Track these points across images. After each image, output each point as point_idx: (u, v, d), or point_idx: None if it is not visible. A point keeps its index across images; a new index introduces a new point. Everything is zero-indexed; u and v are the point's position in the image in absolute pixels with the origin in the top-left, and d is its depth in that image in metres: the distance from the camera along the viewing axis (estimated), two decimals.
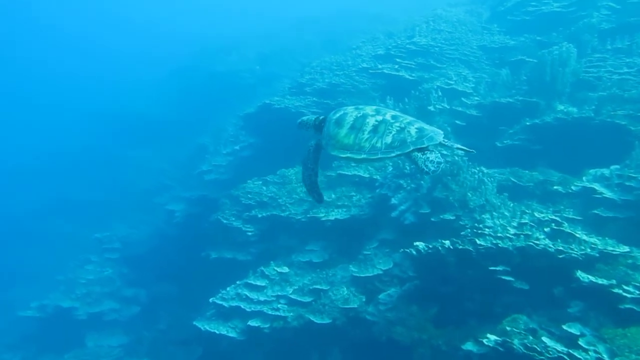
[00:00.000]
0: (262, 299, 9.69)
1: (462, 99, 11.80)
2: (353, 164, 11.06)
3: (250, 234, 11.58)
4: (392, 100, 11.73)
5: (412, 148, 4.43)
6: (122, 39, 58.91)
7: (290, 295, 9.65)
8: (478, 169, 9.12)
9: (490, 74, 12.52)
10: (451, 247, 7.49)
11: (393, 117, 4.71)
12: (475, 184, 8.89)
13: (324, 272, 9.96)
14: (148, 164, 24.46)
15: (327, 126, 4.97)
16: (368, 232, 10.29)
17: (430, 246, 7.75)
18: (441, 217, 8.80)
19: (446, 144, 4.78)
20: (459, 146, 5.11)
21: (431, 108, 11.60)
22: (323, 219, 10.57)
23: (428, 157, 4.40)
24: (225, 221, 11.80)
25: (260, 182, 12.29)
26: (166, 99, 28.70)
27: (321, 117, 5.33)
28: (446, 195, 8.87)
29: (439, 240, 7.74)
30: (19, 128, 37.36)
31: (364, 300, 9.08)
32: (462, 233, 7.92)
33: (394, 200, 9.47)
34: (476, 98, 11.80)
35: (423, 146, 4.43)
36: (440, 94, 11.74)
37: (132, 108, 28.72)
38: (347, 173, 10.96)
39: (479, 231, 7.61)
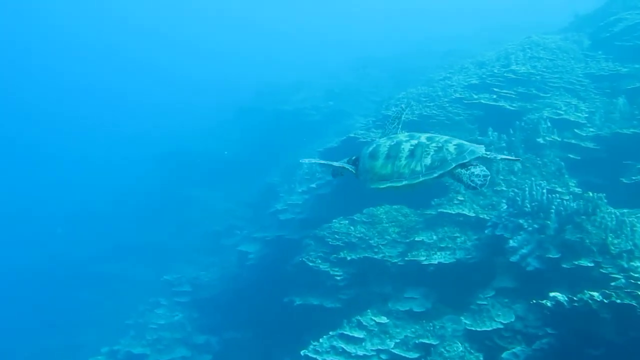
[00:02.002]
0: (360, 353, 8.55)
1: (575, 130, 10.59)
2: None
3: (339, 278, 10.51)
4: (495, 132, 10.66)
5: (454, 165, 4.30)
6: (189, 80, 60.55)
7: (393, 350, 8.49)
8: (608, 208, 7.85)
9: (603, 104, 11.27)
10: (605, 300, 6.21)
11: (428, 138, 4.62)
12: (614, 225, 7.60)
13: (430, 323, 8.75)
14: (213, 205, 24.01)
15: (361, 162, 4.91)
16: (477, 278, 9.06)
17: (576, 298, 6.48)
18: (575, 263, 7.52)
19: (489, 156, 4.52)
20: (503, 156, 4.81)
21: (540, 140, 10.45)
22: (424, 262, 9.44)
23: (473, 172, 4.26)
24: (311, 264, 10.80)
25: (347, 222, 11.29)
26: (231, 138, 28.63)
27: (354, 157, 5.28)
28: (580, 238, 7.60)
29: (586, 292, 6.47)
30: (83, 172, 38.22)
31: (481, 359, 7.84)
32: (612, 284, 6.63)
33: (512, 243, 8.25)
34: (591, 129, 10.56)
35: (465, 161, 4.29)
36: (549, 124, 10.58)
37: (197, 148, 28.61)
38: (449, 212, 9.83)
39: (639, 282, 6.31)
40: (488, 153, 4.48)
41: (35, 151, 47.66)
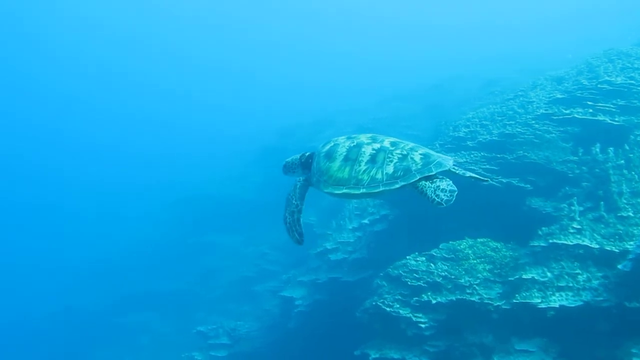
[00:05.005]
0: None
1: None
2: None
3: (423, 326, 8.60)
4: (609, 148, 8.97)
5: (418, 177, 3.97)
6: (210, 122, 60.04)
7: None
8: None
9: None
10: None
11: (392, 143, 4.28)
12: None
13: None
14: (240, 250, 22.20)
15: (316, 161, 4.55)
16: (612, 327, 7.18)
17: None
18: None
19: (457, 172, 4.20)
20: (472, 174, 4.30)
21: None
22: (541, 306, 7.56)
23: (439, 186, 3.91)
24: (388, 309, 8.92)
25: (425, 259, 9.48)
26: (254, 181, 27.15)
27: (307, 154, 4.95)
28: None
29: None
30: (102, 223, 36.69)
31: None
32: None
33: None
34: None
35: (430, 174, 3.98)
36: None
37: (218, 192, 27.08)
38: (566, 242, 8.00)
39: None
40: (456, 168, 4.15)
41: (54, 206, 46.43)
